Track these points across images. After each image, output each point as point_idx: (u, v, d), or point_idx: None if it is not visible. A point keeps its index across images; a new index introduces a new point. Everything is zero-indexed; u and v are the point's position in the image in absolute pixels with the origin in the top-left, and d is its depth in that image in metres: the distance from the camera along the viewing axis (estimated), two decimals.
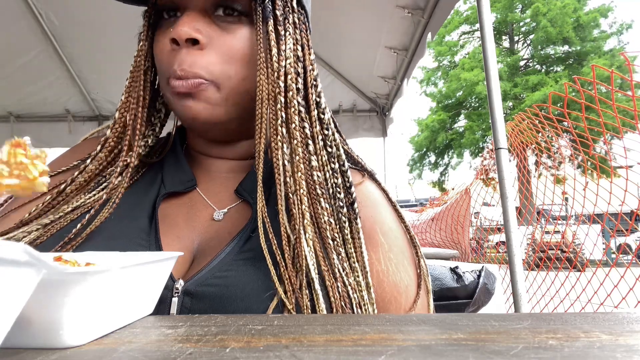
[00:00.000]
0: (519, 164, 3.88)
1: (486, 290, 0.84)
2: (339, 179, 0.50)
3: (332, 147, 0.51)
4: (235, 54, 0.49)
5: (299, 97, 0.50)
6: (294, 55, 0.51)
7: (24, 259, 0.18)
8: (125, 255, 0.37)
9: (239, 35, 0.50)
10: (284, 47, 0.50)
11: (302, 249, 0.43)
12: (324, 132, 0.52)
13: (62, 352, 0.23)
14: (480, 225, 6.21)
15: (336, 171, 0.50)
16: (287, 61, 0.50)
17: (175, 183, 0.53)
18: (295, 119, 0.49)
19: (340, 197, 0.49)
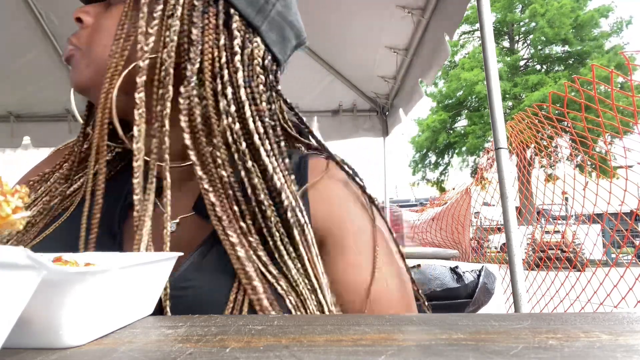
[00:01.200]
0: (519, 164, 3.88)
1: (486, 290, 0.84)
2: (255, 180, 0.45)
3: (242, 144, 0.46)
4: (102, 26, 0.51)
5: (182, 87, 0.46)
6: (185, 39, 0.47)
7: (24, 262, 0.19)
8: (125, 256, 0.37)
9: (114, 12, 0.51)
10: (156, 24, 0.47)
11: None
12: (233, 127, 0.47)
13: (62, 352, 0.23)
14: (480, 225, 6.21)
15: (250, 171, 0.46)
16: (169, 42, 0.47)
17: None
18: (167, 105, 0.46)
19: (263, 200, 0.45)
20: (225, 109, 0.47)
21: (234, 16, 0.50)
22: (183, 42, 0.47)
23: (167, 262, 0.35)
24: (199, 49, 0.47)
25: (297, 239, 0.45)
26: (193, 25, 0.48)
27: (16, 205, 0.23)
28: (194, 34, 0.47)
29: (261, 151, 0.47)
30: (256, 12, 0.52)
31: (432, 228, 6.38)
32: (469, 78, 14.24)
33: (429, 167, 16.60)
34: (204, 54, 0.48)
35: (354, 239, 0.50)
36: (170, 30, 0.47)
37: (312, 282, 0.45)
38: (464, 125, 15.57)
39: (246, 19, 0.51)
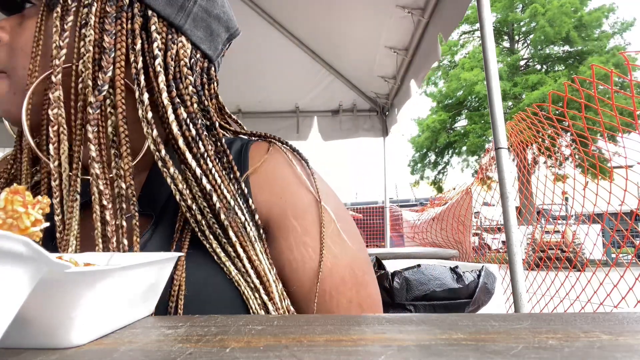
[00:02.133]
0: (519, 164, 3.88)
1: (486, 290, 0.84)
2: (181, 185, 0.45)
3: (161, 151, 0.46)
4: (17, 45, 0.48)
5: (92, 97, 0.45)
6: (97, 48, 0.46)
7: (25, 253, 0.19)
8: (125, 256, 0.37)
9: (26, 26, 0.48)
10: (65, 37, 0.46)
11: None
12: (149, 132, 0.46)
13: (62, 352, 0.23)
14: (481, 225, 6.21)
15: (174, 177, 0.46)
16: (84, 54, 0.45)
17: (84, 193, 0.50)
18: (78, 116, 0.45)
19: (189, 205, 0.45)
20: (143, 116, 0.46)
21: (152, 18, 0.49)
22: (95, 51, 0.46)
23: (167, 262, 0.35)
24: (111, 57, 0.46)
25: (234, 239, 0.45)
26: (105, 33, 0.46)
27: (35, 218, 0.23)
28: (106, 41, 0.46)
29: (187, 155, 0.46)
30: (177, 10, 0.50)
31: (433, 228, 6.39)
32: (469, 78, 14.24)
33: (428, 167, 16.61)
34: (116, 61, 0.46)
35: (298, 219, 0.49)
36: (85, 40, 0.46)
37: (253, 281, 0.45)
38: (463, 125, 15.57)
39: (166, 19, 0.50)
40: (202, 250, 0.46)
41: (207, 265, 0.45)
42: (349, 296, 0.49)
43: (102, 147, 0.45)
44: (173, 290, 0.43)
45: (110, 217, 0.43)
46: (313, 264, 0.48)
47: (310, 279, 0.48)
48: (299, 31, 2.81)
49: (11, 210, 0.22)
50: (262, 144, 0.55)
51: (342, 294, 0.49)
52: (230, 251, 0.46)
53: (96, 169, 0.44)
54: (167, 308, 0.43)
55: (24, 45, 0.48)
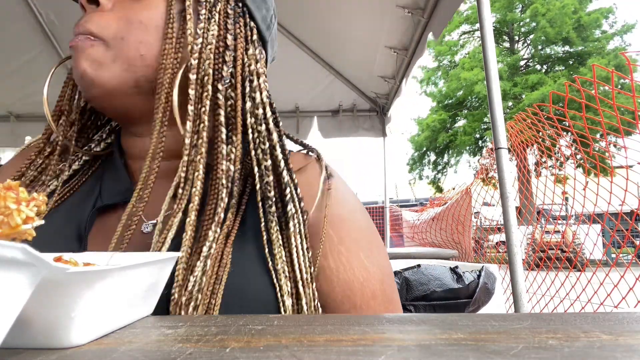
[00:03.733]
0: (519, 164, 3.88)
1: (486, 290, 0.84)
2: (270, 177, 0.48)
3: (266, 144, 0.49)
4: (136, 18, 0.48)
5: (219, 85, 0.48)
6: (221, 42, 0.50)
7: (23, 259, 0.18)
8: (125, 256, 0.37)
9: (149, 4, 0.49)
10: (203, 27, 0.49)
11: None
12: (258, 127, 0.49)
13: (62, 352, 0.23)
14: (480, 225, 6.21)
15: (268, 169, 0.48)
16: (207, 44, 0.49)
17: (113, 194, 0.51)
18: (206, 103, 0.47)
19: (269, 196, 0.47)
20: (251, 111, 0.49)
21: (253, 29, 0.54)
22: (219, 45, 0.50)
23: (168, 262, 0.35)
24: (231, 54, 0.50)
25: (292, 230, 0.46)
26: (228, 32, 0.51)
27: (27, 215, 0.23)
28: (229, 40, 0.50)
29: (277, 149, 0.49)
30: (266, 28, 0.57)
31: (432, 228, 6.39)
32: (469, 78, 14.24)
33: (428, 166, 16.60)
34: (237, 60, 0.50)
35: (334, 228, 0.50)
36: (208, 33, 0.49)
37: (294, 273, 0.46)
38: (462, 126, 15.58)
39: (260, 32, 0.56)
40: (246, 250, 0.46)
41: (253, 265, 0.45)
42: (378, 312, 0.49)
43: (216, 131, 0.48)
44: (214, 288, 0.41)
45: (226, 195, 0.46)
46: (346, 275, 0.49)
47: (342, 290, 0.48)
48: (299, 31, 2.81)
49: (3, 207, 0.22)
50: (302, 155, 0.58)
51: (371, 308, 0.49)
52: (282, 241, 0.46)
53: (224, 150, 0.47)
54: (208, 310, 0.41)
55: (147, 20, 0.48)
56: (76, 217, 0.49)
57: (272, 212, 0.47)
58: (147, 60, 0.48)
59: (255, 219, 0.48)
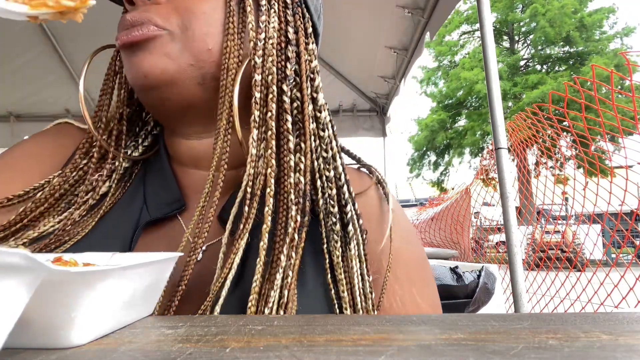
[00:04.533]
0: (519, 164, 3.88)
1: (486, 290, 0.84)
2: (333, 191, 0.42)
3: (328, 152, 0.44)
4: (198, 9, 0.42)
5: (284, 85, 0.43)
6: (283, 36, 0.45)
7: (23, 264, 0.18)
8: (125, 256, 0.37)
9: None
10: (265, 20, 0.44)
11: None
12: (320, 132, 0.44)
13: (62, 352, 0.23)
14: (480, 225, 6.21)
15: (330, 180, 0.43)
16: (268, 39, 0.43)
17: (160, 205, 0.44)
18: (272, 107, 0.41)
19: (333, 212, 0.42)
20: (313, 114, 0.44)
21: (309, 20, 0.49)
22: (281, 40, 0.44)
23: (168, 262, 0.35)
24: (294, 49, 0.45)
25: (352, 252, 0.42)
26: (288, 24, 0.45)
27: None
28: (290, 33, 0.45)
29: (337, 159, 0.44)
30: (317, 18, 0.51)
31: (431, 228, 6.39)
32: (469, 78, 14.24)
33: (428, 167, 16.61)
34: (300, 56, 0.45)
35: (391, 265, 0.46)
36: (269, 26, 0.44)
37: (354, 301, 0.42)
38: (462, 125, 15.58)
39: (314, 24, 0.50)
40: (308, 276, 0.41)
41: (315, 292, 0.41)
42: None
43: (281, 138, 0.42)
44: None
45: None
46: (399, 312, 0.46)
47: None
48: None
49: None
50: (355, 170, 0.53)
51: None
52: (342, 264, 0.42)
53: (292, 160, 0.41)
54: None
55: (206, 12, 0.42)
56: (120, 232, 0.42)
57: (336, 231, 0.41)
58: (214, 55, 0.42)
59: (312, 236, 0.42)
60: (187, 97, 0.43)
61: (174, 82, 0.42)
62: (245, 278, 0.39)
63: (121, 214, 0.44)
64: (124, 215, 0.44)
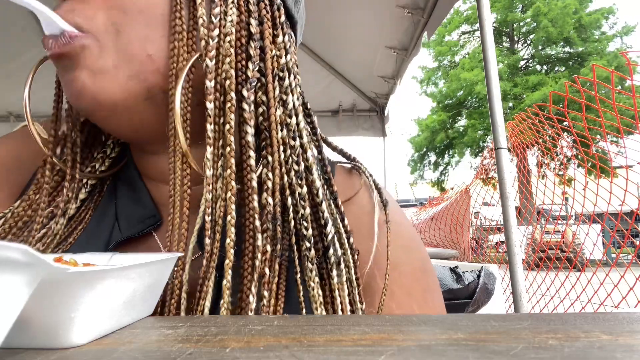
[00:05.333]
0: (518, 164, 3.88)
1: (486, 290, 0.84)
2: (307, 210, 0.37)
3: (300, 164, 0.38)
4: (132, 5, 0.35)
5: (244, 90, 0.36)
6: (244, 30, 0.38)
7: (23, 260, 0.18)
8: (125, 256, 0.37)
9: None
10: (219, 12, 0.37)
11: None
12: (290, 142, 0.38)
13: (62, 352, 0.23)
14: (480, 225, 6.21)
15: (303, 198, 0.37)
16: (224, 35, 0.37)
17: (132, 222, 0.40)
18: (231, 116, 0.35)
19: (306, 235, 0.36)
20: (282, 120, 0.38)
21: (280, 7, 0.41)
22: (241, 35, 0.37)
23: (168, 263, 0.35)
24: (257, 44, 0.38)
25: (335, 280, 0.37)
26: (251, 15, 0.38)
27: None
28: (253, 26, 0.38)
29: (314, 171, 0.38)
30: (294, 3, 0.43)
31: (431, 227, 6.39)
32: (469, 78, 14.24)
33: (428, 167, 16.61)
34: (265, 51, 0.38)
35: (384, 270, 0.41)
36: (226, 20, 0.37)
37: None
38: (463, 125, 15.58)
39: (288, 10, 0.42)
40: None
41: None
42: None
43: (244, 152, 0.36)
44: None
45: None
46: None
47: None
48: None
49: None
50: (347, 171, 0.47)
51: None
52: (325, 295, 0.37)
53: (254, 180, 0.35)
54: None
55: (147, 8, 0.35)
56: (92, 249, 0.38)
57: (310, 258, 0.36)
58: (157, 62, 0.36)
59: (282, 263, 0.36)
60: (135, 117, 0.37)
61: (115, 103, 0.35)
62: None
63: (90, 235, 0.40)
64: (93, 237, 0.40)
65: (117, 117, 0.37)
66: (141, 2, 0.35)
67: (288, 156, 0.38)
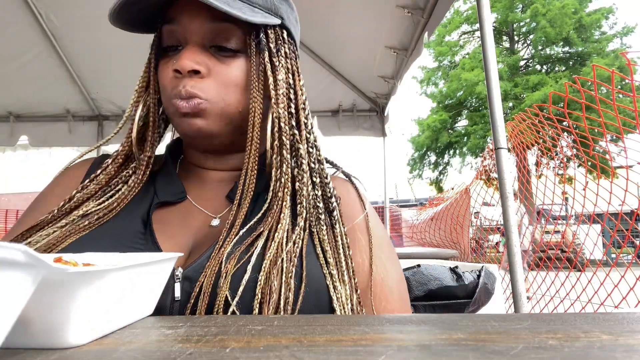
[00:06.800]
0: (518, 164, 3.88)
1: (486, 290, 0.84)
2: (319, 191, 0.58)
3: (315, 164, 0.59)
4: (230, 81, 0.56)
5: (292, 121, 0.57)
6: (287, 83, 0.58)
7: (23, 260, 0.18)
8: (125, 256, 0.37)
9: (234, 66, 0.57)
10: (279, 77, 0.57)
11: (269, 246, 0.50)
12: (309, 149, 0.59)
13: (62, 352, 0.23)
14: (480, 225, 6.21)
15: (317, 185, 0.58)
16: (280, 90, 0.57)
17: (167, 194, 0.59)
18: (287, 143, 0.56)
19: (320, 207, 0.57)
20: (307, 137, 0.59)
21: (298, 57, 0.64)
22: (288, 87, 0.59)
23: (167, 263, 0.35)
24: (294, 91, 0.59)
25: (337, 230, 0.56)
26: (288, 73, 0.60)
27: None
28: (291, 79, 0.60)
29: (324, 171, 0.60)
30: (298, 37, 0.66)
31: (431, 228, 6.39)
32: (470, 78, 14.22)
33: (428, 167, 16.60)
34: (297, 94, 0.60)
35: (362, 234, 0.61)
36: (279, 80, 0.58)
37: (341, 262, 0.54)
38: (464, 126, 15.57)
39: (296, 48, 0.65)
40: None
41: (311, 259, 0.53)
42: (393, 307, 0.58)
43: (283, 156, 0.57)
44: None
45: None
46: (370, 268, 0.58)
47: (366, 280, 0.57)
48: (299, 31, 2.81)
49: None
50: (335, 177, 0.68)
51: (389, 302, 0.58)
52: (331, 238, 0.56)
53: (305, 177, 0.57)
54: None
55: (238, 82, 0.57)
56: (140, 211, 0.56)
57: (322, 220, 0.56)
58: (244, 113, 0.57)
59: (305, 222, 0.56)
60: (222, 142, 0.60)
61: (213, 135, 0.58)
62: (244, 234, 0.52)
63: (138, 200, 0.58)
64: (140, 202, 0.58)
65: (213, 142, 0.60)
66: (234, 79, 0.57)
67: (309, 160, 0.58)
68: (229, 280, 0.44)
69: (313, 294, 0.48)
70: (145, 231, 0.53)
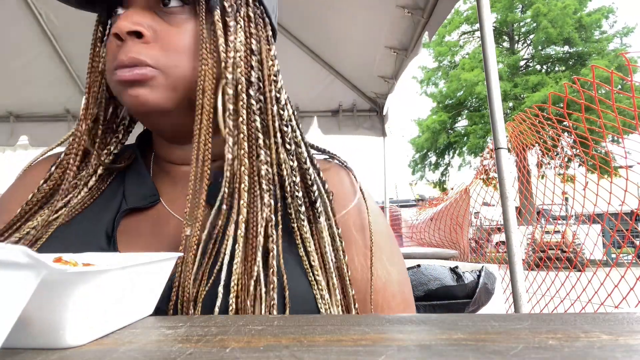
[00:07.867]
0: (518, 164, 3.88)
1: (486, 290, 0.84)
2: (297, 178, 0.50)
3: (292, 145, 0.51)
4: (181, 46, 0.49)
5: (251, 90, 0.49)
6: (247, 49, 0.50)
7: (24, 261, 0.19)
8: (125, 256, 0.37)
9: (184, 28, 0.49)
10: (233, 39, 0.49)
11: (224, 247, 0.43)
12: (283, 128, 0.51)
13: (62, 352, 0.23)
14: (480, 225, 6.21)
15: (294, 169, 0.50)
16: (236, 53, 0.49)
17: (137, 198, 0.52)
18: (243, 112, 0.48)
19: (298, 196, 0.49)
20: (278, 112, 0.51)
21: (268, 25, 0.54)
22: (247, 52, 0.50)
23: (167, 263, 0.35)
24: (257, 58, 0.51)
25: (322, 224, 0.49)
26: (252, 37, 0.51)
27: None
28: (254, 44, 0.51)
29: (302, 147, 0.51)
30: (274, 17, 0.57)
31: (430, 228, 6.39)
32: (469, 78, 14.22)
33: (429, 168, 16.59)
34: (262, 63, 0.51)
35: (359, 233, 0.54)
36: (236, 41, 0.50)
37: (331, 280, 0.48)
38: (464, 126, 15.56)
39: (272, 26, 0.56)
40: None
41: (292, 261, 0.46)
42: (397, 312, 0.53)
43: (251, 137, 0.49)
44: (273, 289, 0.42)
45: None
46: (370, 275, 0.52)
47: (366, 288, 0.51)
48: (299, 31, 2.81)
49: None
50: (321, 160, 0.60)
51: (391, 309, 0.52)
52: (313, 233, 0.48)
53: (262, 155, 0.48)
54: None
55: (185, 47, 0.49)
56: (104, 219, 0.49)
57: (302, 212, 0.48)
58: (192, 81, 0.49)
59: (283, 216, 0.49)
60: (175, 118, 0.51)
61: (162, 110, 0.49)
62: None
63: (103, 205, 0.51)
64: (105, 207, 0.51)
65: (165, 120, 0.51)
66: (184, 41, 0.49)
67: (282, 139, 0.50)
68: (199, 309, 0.40)
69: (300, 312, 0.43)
70: (109, 247, 0.47)
